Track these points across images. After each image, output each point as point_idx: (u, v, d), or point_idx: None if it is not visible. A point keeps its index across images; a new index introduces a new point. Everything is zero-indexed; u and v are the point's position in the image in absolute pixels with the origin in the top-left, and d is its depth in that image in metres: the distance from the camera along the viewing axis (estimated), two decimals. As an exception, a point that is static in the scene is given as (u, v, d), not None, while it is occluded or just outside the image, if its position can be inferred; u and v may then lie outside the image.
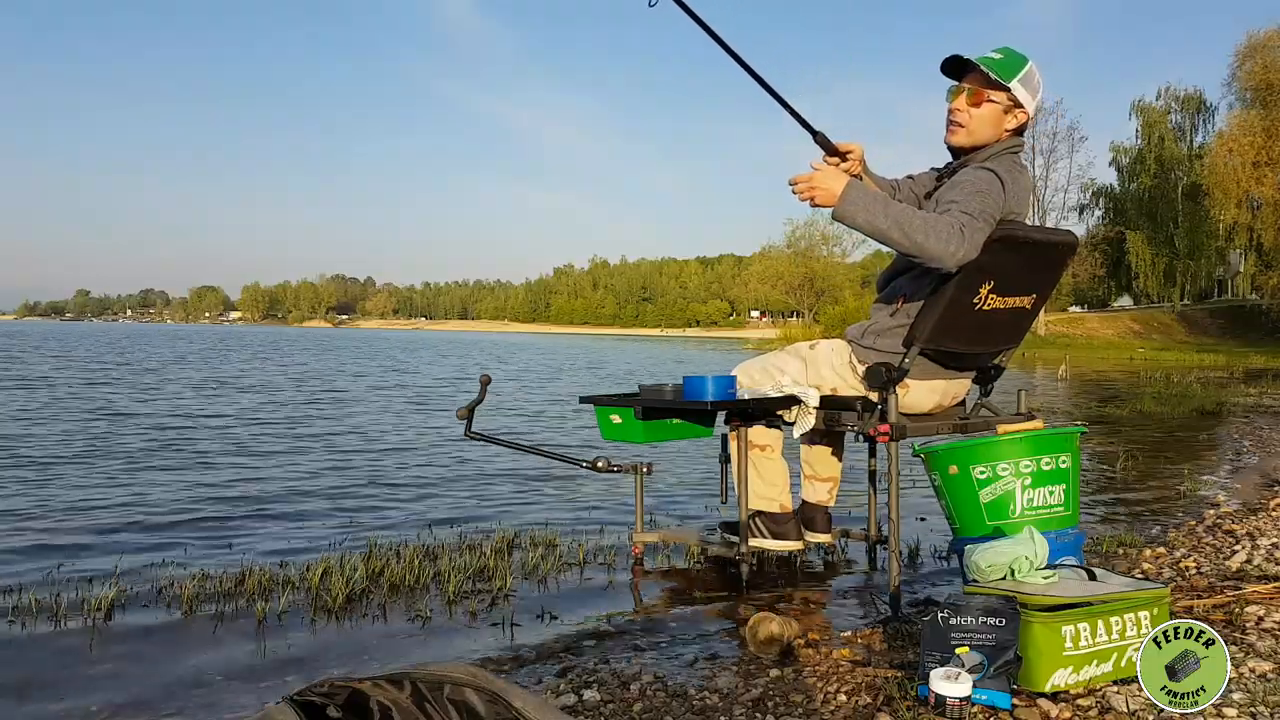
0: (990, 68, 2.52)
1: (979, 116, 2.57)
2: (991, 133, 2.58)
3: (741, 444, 2.85)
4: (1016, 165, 2.60)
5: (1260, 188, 38.50)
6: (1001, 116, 2.56)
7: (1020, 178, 2.58)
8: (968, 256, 2.38)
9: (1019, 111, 2.56)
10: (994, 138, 2.58)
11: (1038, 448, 2.49)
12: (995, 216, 2.45)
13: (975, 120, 2.57)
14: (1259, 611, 2.45)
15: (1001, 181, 2.48)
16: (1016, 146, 2.62)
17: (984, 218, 2.40)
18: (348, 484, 4.92)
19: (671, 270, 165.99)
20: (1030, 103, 2.56)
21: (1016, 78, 2.53)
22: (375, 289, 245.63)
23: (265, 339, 47.35)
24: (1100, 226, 52.35)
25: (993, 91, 2.55)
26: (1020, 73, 2.53)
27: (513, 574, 3.07)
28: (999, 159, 2.55)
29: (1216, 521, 3.94)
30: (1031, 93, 2.56)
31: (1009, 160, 2.57)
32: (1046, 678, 1.90)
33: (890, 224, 2.38)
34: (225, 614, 2.68)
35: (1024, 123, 2.60)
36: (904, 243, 2.38)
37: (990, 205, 2.43)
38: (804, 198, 2.49)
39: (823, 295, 63.84)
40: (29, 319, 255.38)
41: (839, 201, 2.42)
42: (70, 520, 3.87)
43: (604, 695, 2.04)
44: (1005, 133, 2.59)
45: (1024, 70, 2.54)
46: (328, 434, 7.22)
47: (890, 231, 2.38)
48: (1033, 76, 2.56)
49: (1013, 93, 2.53)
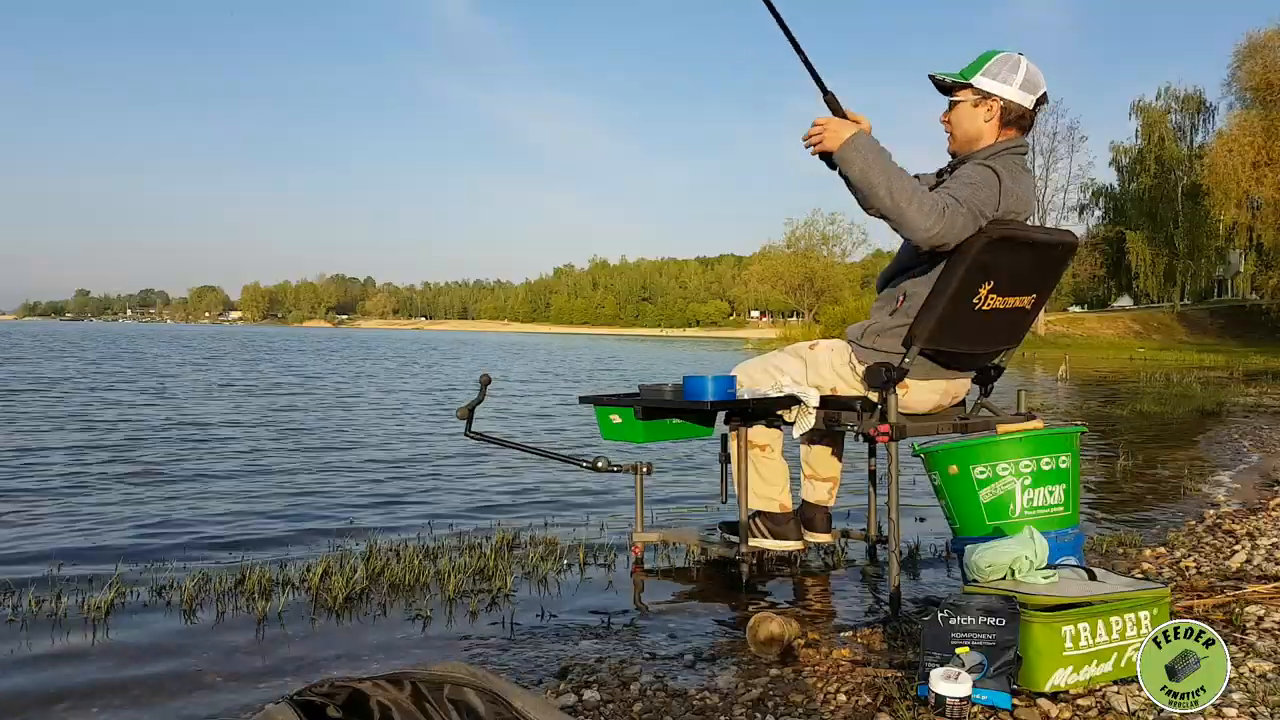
0: (947, 75, 2.62)
1: (955, 118, 2.66)
2: (972, 127, 2.62)
3: (741, 444, 2.85)
4: (1019, 166, 2.61)
5: (1260, 188, 38.47)
6: (973, 111, 2.61)
7: (1022, 179, 2.59)
8: (941, 238, 2.40)
9: (989, 101, 2.58)
10: (979, 132, 2.61)
11: (1038, 448, 2.49)
12: (985, 212, 2.45)
13: (954, 123, 2.66)
14: (1259, 611, 2.45)
15: (999, 179, 2.49)
16: (1019, 146, 2.62)
17: (970, 206, 2.42)
18: (348, 484, 4.92)
19: (671, 270, 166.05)
20: (1003, 88, 2.56)
21: (978, 73, 2.58)
22: (375, 289, 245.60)
23: (269, 339, 47.33)
24: (1100, 226, 52.34)
25: (958, 92, 2.62)
26: (982, 67, 2.59)
27: (513, 574, 3.07)
28: (1001, 158, 2.56)
29: (1216, 521, 3.94)
30: (1003, 79, 2.57)
31: (1010, 160, 2.58)
32: (1046, 678, 1.91)
33: (882, 179, 2.41)
34: (225, 614, 2.68)
35: (1006, 111, 2.58)
36: (886, 201, 2.41)
37: (980, 198, 2.44)
38: (811, 142, 2.56)
39: (823, 295, 63.83)
40: (29, 319, 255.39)
41: (843, 145, 2.48)
42: (70, 521, 3.87)
43: (604, 695, 2.04)
44: (992, 126, 2.60)
45: (987, 63, 2.59)
46: (328, 434, 7.22)
47: (879, 187, 2.41)
48: (1003, 64, 2.57)
49: (975, 86, 2.58)
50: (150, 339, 41.56)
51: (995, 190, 2.47)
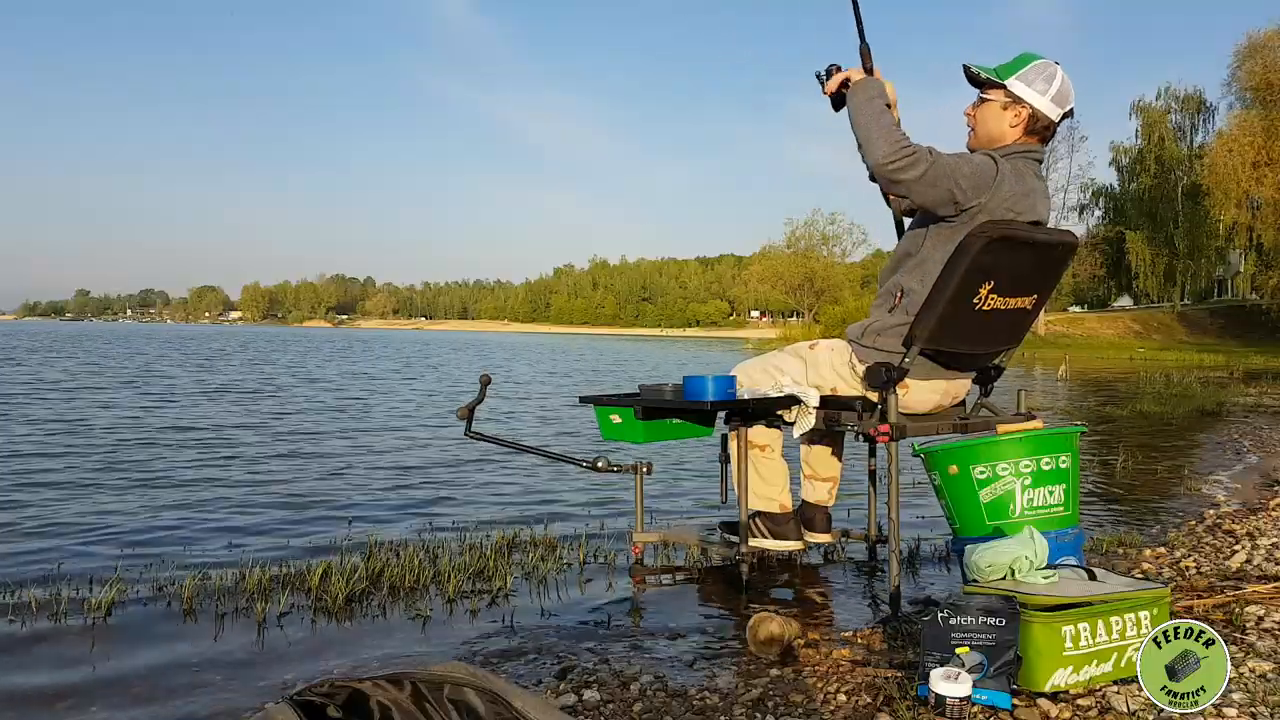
0: (983, 70, 2.60)
1: (980, 115, 2.64)
2: (996, 127, 2.60)
3: (741, 444, 2.85)
4: (1030, 171, 2.60)
5: (1260, 188, 38.45)
6: (1001, 112, 2.59)
7: (1028, 180, 2.57)
8: (896, 171, 2.40)
9: (1019, 106, 2.56)
10: (1003, 134, 2.59)
11: (1037, 448, 2.49)
12: (960, 183, 2.42)
13: (978, 119, 2.65)
14: (1259, 611, 2.45)
15: (997, 168, 2.48)
16: (1034, 151, 2.61)
17: (943, 167, 2.41)
18: (348, 484, 4.92)
19: (671, 270, 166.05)
20: (1035, 97, 2.54)
21: (1014, 75, 2.56)
22: (375, 289, 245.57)
23: (269, 340, 47.31)
24: (1100, 226, 52.31)
25: (990, 90, 2.60)
26: (1020, 70, 2.56)
27: (513, 574, 3.07)
28: (1013, 158, 2.56)
29: (1216, 521, 3.94)
30: (1037, 88, 2.54)
31: (1022, 162, 2.57)
32: (1046, 678, 1.90)
33: (869, 110, 2.50)
34: (225, 614, 2.68)
35: (1033, 120, 2.57)
36: (861, 127, 2.49)
37: (963, 171, 2.43)
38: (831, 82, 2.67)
39: (822, 295, 63.85)
40: (29, 319, 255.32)
41: (855, 84, 2.58)
42: (71, 521, 3.87)
43: (604, 695, 2.04)
44: (1016, 131, 2.58)
45: (1025, 67, 2.56)
46: (328, 435, 7.22)
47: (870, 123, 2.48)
48: (1039, 72, 2.55)
49: (1009, 89, 2.56)
50: (150, 339, 41.55)
51: (987, 175, 2.46)
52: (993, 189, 2.46)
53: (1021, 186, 2.53)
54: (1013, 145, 2.59)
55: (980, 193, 2.45)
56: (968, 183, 2.44)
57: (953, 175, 2.42)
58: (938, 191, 2.43)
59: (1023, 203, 2.54)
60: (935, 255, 2.55)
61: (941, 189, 2.42)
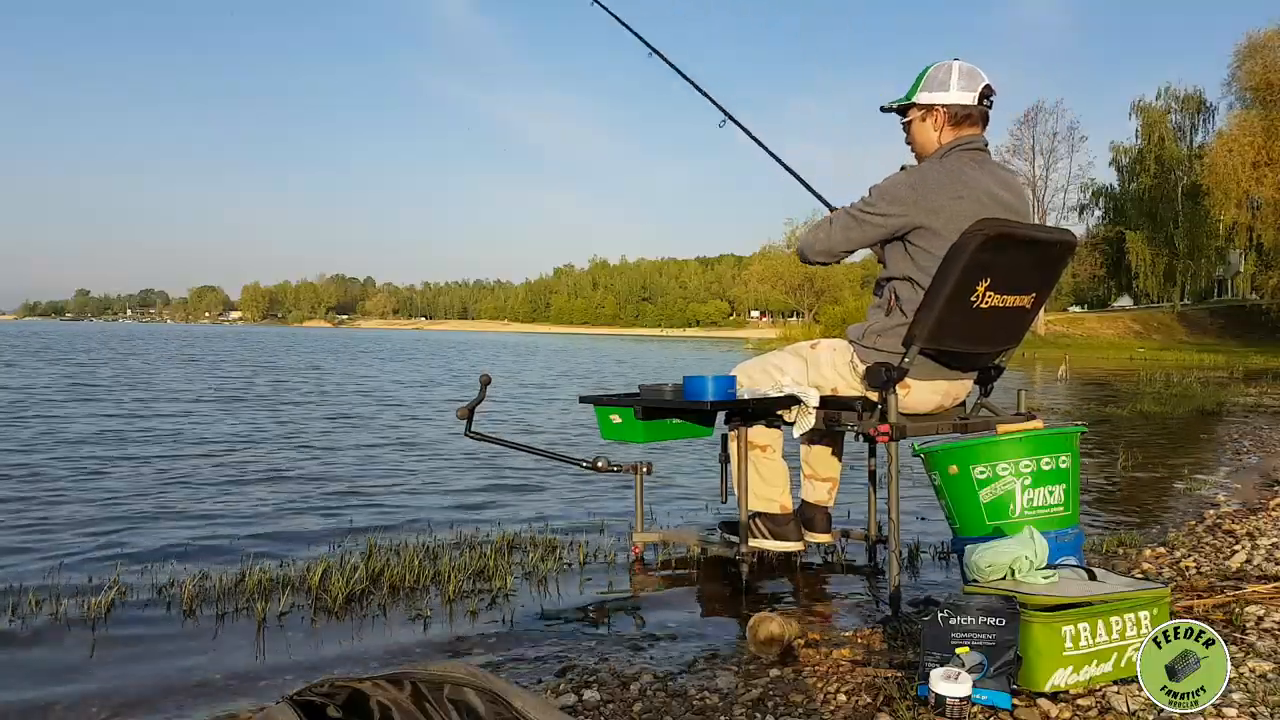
0: (895, 101, 2.82)
1: (911, 135, 2.82)
2: (925, 139, 2.77)
3: (741, 444, 2.85)
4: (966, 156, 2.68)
5: (1260, 188, 38.45)
6: (922, 124, 2.76)
7: (967, 171, 2.65)
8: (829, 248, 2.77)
9: (934, 112, 2.73)
10: (929, 140, 2.77)
11: (1037, 448, 2.49)
12: (885, 208, 2.62)
13: (913, 140, 2.82)
14: (1259, 611, 2.45)
15: (910, 177, 2.65)
16: (970, 142, 2.71)
17: (861, 209, 2.66)
18: (348, 484, 4.92)
19: (671, 270, 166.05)
20: (942, 96, 2.71)
21: (918, 90, 2.75)
22: (375, 289, 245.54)
23: (270, 340, 47.31)
24: (1100, 226, 52.30)
25: (908, 113, 2.79)
26: (919, 84, 2.75)
27: (513, 574, 3.07)
28: (947, 157, 2.68)
29: (1216, 521, 3.94)
30: (939, 89, 2.71)
31: (958, 155, 2.68)
32: (1046, 678, 1.90)
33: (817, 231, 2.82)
34: (225, 614, 2.68)
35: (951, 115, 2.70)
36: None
37: (873, 200, 2.64)
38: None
39: (823, 295, 63.84)
40: (29, 319, 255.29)
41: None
42: (71, 521, 3.87)
43: (604, 695, 2.04)
44: (940, 132, 2.73)
45: (923, 79, 2.75)
46: (328, 435, 7.22)
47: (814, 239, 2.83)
48: (936, 76, 2.74)
49: (918, 104, 2.75)
50: (150, 339, 41.55)
51: (897, 185, 2.62)
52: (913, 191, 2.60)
53: (961, 179, 2.62)
54: (944, 146, 2.72)
55: (896, 204, 2.61)
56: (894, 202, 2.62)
57: (876, 210, 2.64)
58: (841, 236, 2.72)
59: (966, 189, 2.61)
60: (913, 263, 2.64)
61: (862, 233, 2.69)
